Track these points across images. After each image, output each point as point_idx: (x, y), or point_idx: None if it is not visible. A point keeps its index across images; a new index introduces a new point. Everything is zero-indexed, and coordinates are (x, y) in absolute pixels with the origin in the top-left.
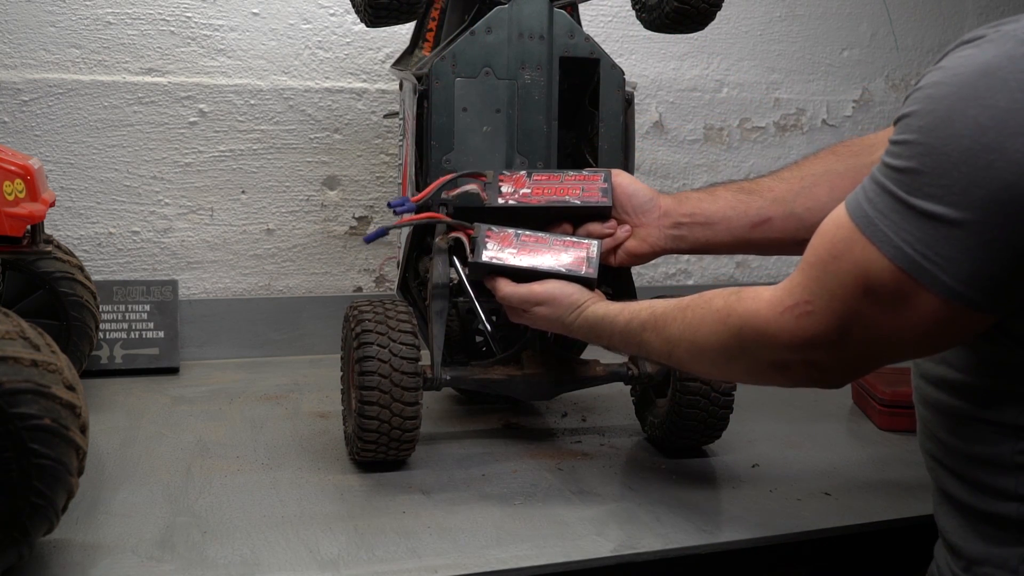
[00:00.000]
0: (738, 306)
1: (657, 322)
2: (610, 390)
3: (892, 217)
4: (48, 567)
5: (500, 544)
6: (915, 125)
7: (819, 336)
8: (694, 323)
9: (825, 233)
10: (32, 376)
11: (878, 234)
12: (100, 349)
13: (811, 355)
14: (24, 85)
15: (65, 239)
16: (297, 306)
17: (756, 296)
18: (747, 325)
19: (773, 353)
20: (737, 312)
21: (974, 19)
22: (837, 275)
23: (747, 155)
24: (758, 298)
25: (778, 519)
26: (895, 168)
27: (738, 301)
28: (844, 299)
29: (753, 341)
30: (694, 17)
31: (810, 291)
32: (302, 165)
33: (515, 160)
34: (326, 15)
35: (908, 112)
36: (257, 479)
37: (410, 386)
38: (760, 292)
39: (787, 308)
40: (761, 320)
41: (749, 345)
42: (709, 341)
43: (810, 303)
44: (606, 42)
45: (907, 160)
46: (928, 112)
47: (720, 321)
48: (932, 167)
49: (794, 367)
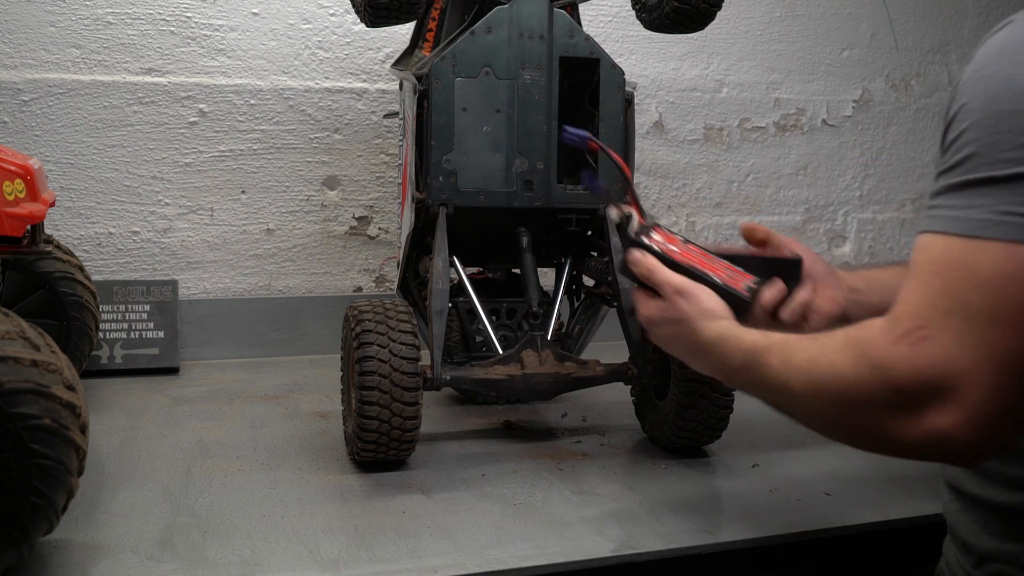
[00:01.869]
0: (855, 333)
1: (785, 346)
2: (610, 390)
3: (980, 202)
4: (48, 567)
5: (500, 544)
6: (966, 116)
7: (941, 364)
8: (815, 352)
9: (918, 260)
10: (32, 376)
11: (975, 225)
12: (100, 349)
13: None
14: (24, 85)
15: (65, 239)
16: (297, 306)
17: (870, 324)
18: (863, 354)
19: (891, 390)
20: (854, 340)
21: (974, 19)
22: (947, 288)
23: (747, 155)
24: (871, 326)
25: (778, 519)
26: (960, 162)
27: (856, 329)
28: (962, 311)
29: (868, 373)
30: (694, 17)
31: (921, 315)
32: (302, 165)
33: (515, 160)
34: (326, 15)
35: (955, 112)
36: (257, 479)
37: (410, 386)
38: (872, 321)
39: (900, 336)
40: (876, 349)
41: (864, 377)
42: (825, 370)
43: (924, 327)
44: (606, 42)
45: (971, 146)
46: (977, 93)
47: (839, 348)
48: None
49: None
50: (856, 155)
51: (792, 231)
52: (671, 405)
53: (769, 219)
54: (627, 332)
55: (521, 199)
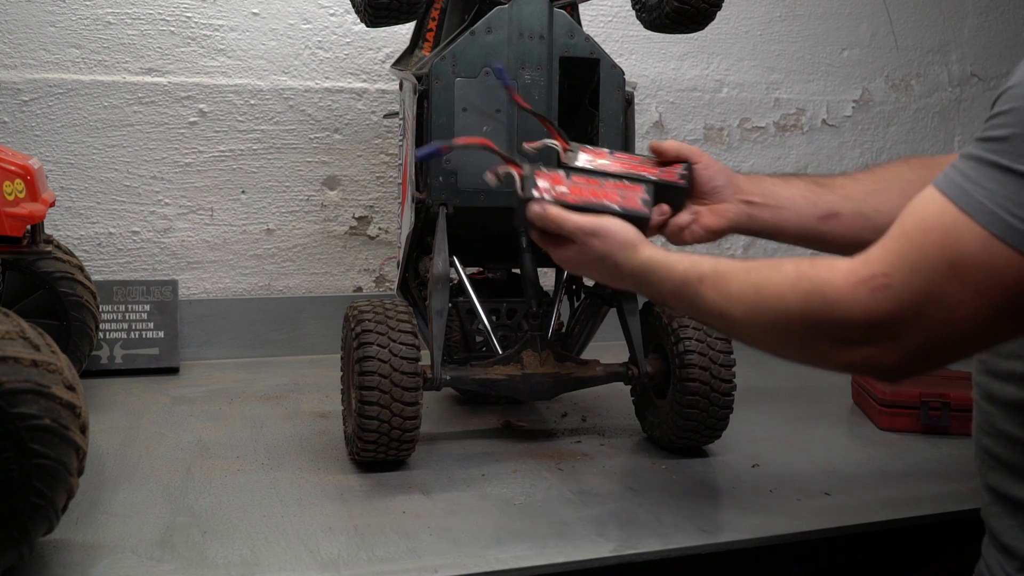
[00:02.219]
0: (810, 271)
1: (719, 277)
2: (610, 390)
3: (989, 186)
4: (48, 567)
5: (500, 544)
6: (1017, 94)
7: (892, 313)
8: (758, 283)
9: (914, 209)
10: (32, 376)
11: (973, 203)
12: (100, 349)
13: (877, 336)
14: (24, 85)
15: (65, 239)
16: (297, 306)
17: (831, 265)
18: (817, 291)
19: (838, 327)
20: (808, 277)
21: (974, 19)
22: (923, 248)
23: (747, 155)
24: (833, 267)
25: (778, 519)
26: (994, 138)
27: (811, 267)
28: (927, 273)
29: (820, 310)
30: (694, 17)
31: (890, 264)
32: (302, 165)
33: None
34: (326, 15)
35: (1009, 85)
36: (257, 479)
37: (410, 386)
38: (836, 262)
39: (862, 280)
40: (833, 289)
41: (814, 313)
42: (771, 303)
43: (888, 276)
44: (606, 42)
45: (1010, 128)
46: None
47: (788, 284)
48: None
49: (856, 346)
50: (856, 155)
51: None
52: (671, 405)
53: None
54: (627, 332)
55: None
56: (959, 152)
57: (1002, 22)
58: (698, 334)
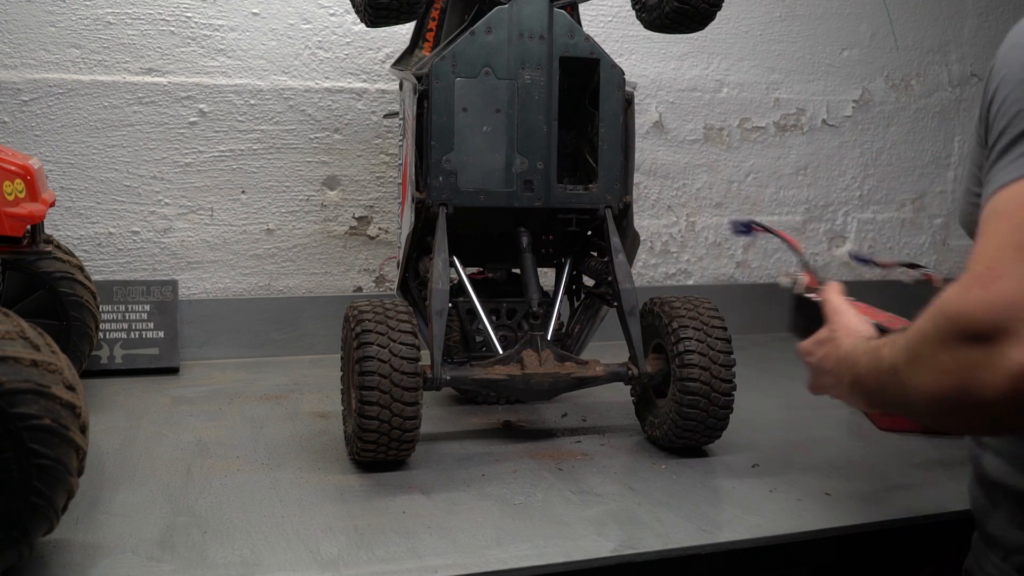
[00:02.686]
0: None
1: (895, 336)
2: (610, 390)
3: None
4: (48, 567)
5: (500, 544)
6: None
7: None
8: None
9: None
10: (32, 376)
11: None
12: (100, 349)
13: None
14: (24, 85)
15: (65, 239)
16: (297, 306)
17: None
18: (939, 311)
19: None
20: (934, 303)
21: (974, 19)
22: (1014, 227)
23: (747, 155)
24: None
25: (778, 519)
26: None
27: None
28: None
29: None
30: (694, 17)
31: (992, 256)
32: (302, 165)
33: (515, 160)
34: (326, 15)
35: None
36: (257, 479)
37: (410, 386)
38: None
39: (973, 281)
40: (950, 302)
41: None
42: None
43: (996, 267)
44: (606, 42)
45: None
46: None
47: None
48: None
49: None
50: (856, 155)
51: (792, 231)
52: (671, 405)
53: (769, 219)
54: (627, 332)
55: (521, 199)
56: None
57: (1002, 22)
58: (698, 334)
